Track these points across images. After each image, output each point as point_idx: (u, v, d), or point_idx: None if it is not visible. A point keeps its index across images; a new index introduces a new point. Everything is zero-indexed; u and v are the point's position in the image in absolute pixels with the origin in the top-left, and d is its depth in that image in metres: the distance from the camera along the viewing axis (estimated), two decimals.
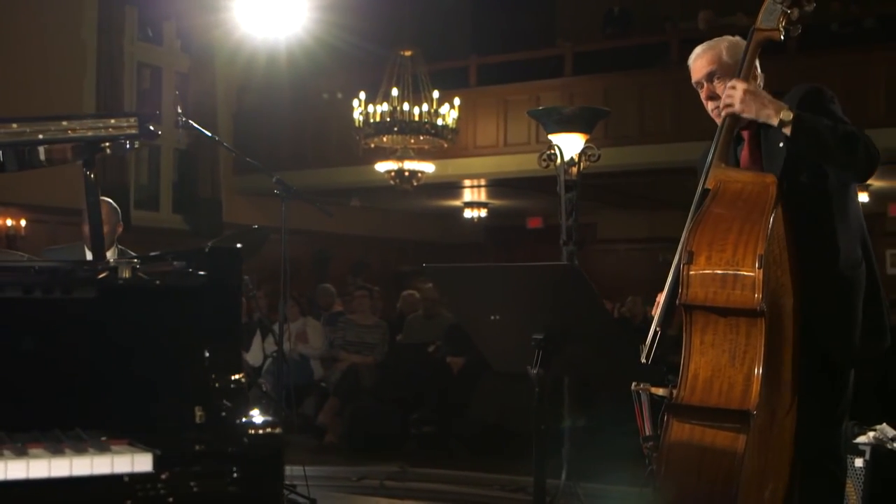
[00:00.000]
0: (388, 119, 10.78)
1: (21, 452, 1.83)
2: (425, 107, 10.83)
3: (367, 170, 12.04)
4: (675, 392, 2.95)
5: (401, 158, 11.26)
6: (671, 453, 2.85)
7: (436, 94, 11.00)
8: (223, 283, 2.07)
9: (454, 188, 14.19)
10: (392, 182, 11.46)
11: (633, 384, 3.08)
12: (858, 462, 3.95)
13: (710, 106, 3.31)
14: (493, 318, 3.02)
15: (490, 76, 12.77)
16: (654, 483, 2.96)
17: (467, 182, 13.86)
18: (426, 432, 8.82)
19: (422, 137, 10.95)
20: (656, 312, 3.18)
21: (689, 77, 3.34)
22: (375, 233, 15.93)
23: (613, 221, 16.71)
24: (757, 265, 2.78)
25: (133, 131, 2.13)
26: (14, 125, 2.00)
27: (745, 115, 3.06)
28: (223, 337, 2.07)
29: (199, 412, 1.96)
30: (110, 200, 5.64)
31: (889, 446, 3.90)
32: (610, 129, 10.44)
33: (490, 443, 8.24)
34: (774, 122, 2.99)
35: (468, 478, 7.15)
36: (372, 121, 10.82)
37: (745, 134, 3.24)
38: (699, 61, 3.32)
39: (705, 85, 3.30)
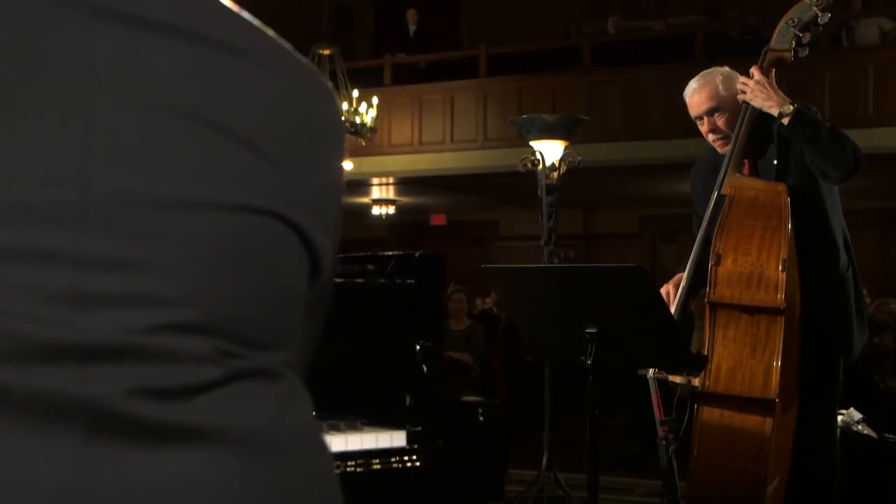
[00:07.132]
0: None
1: None
2: (345, 105, 10.91)
3: None
4: (692, 380, 3.23)
5: None
6: (703, 437, 3.12)
7: (355, 92, 11.09)
8: (430, 285, 2.25)
9: (363, 185, 14.27)
10: None
11: (651, 371, 3.33)
12: None
13: (711, 138, 3.55)
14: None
15: (404, 76, 12.92)
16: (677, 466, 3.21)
17: (375, 180, 13.95)
18: None
19: None
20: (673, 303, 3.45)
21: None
22: None
23: (516, 219, 16.99)
24: (780, 268, 3.07)
25: None
26: None
27: (753, 104, 3.33)
28: (430, 332, 2.24)
29: (411, 396, 2.14)
30: None
31: (855, 429, 4.24)
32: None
33: None
34: (775, 112, 3.28)
35: None
36: None
37: (746, 162, 3.52)
38: (696, 97, 3.53)
39: (705, 119, 3.52)
